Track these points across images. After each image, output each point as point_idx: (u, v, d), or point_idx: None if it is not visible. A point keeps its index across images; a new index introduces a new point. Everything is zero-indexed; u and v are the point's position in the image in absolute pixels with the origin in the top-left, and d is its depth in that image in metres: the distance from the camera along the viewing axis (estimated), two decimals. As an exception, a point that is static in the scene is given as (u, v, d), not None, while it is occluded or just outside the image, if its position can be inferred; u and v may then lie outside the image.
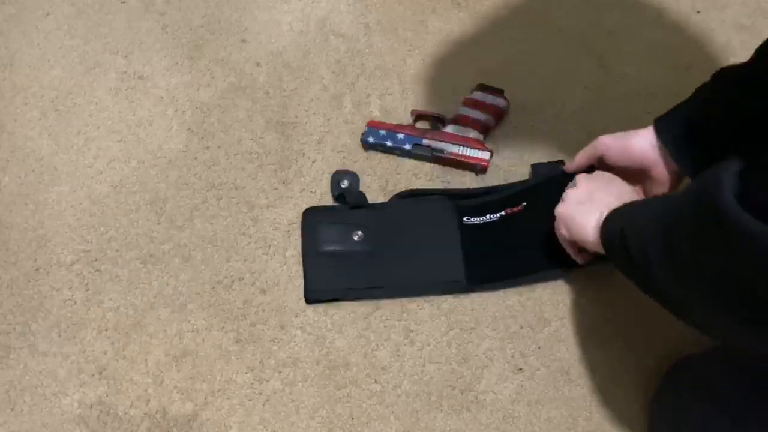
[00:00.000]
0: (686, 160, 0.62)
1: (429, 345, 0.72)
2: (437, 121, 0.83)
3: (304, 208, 0.79)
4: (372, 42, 0.90)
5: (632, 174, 0.68)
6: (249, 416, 0.69)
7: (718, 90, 0.61)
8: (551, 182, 0.75)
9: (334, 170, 0.80)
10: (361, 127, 0.83)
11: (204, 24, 0.92)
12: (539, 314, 0.73)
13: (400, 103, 0.86)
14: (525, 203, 0.76)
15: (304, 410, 0.69)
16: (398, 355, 0.71)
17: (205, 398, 0.70)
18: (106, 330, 0.73)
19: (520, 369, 0.71)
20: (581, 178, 0.68)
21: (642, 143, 0.65)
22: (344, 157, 0.83)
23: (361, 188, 0.80)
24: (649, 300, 0.74)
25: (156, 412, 0.69)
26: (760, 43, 0.61)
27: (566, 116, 0.85)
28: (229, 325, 0.73)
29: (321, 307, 0.74)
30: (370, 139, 0.81)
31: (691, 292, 0.43)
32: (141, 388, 0.70)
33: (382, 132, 0.81)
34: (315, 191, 0.80)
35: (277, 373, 0.71)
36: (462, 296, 0.74)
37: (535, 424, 0.68)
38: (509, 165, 0.82)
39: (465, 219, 0.77)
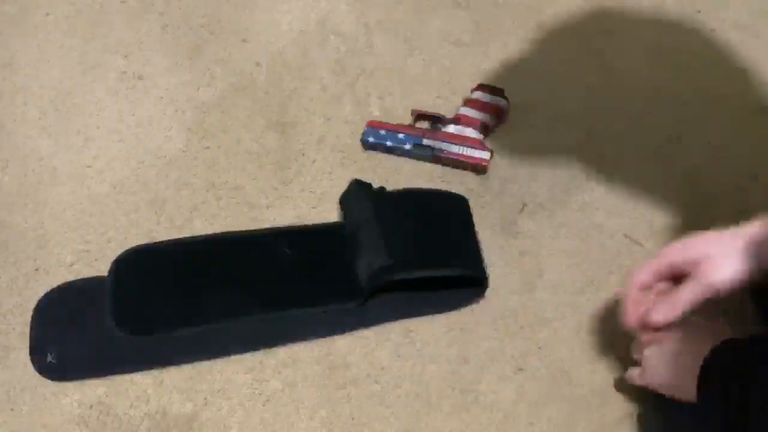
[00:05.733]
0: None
1: (429, 345, 0.72)
2: (437, 121, 0.83)
3: (304, 208, 0.79)
4: (372, 42, 0.90)
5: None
6: (249, 416, 0.69)
7: None
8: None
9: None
10: (361, 127, 0.83)
11: (204, 24, 0.92)
12: (539, 314, 0.73)
13: (400, 103, 0.86)
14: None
15: (304, 410, 0.69)
16: (398, 355, 0.71)
17: (205, 398, 0.70)
18: (106, 330, 0.73)
19: (520, 369, 0.71)
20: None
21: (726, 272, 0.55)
22: (344, 157, 0.83)
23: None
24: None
25: (156, 412, 0.69)
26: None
27: (566, 116, 0.85)
28: (229, 325, 0.73)
29: (321, 307, 0.74)
30: (370, 139, 0.81)
31: None
32: (141, 388, 0.70)
33: (382, 132, 0.81)
34: (315, 191, 0.80)
35: (277, 373, 0.71)
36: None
37: (535, 424, 0.68)
38: (509, 165, 0.82)
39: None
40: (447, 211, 0.77)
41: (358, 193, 0.75)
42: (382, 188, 0.77)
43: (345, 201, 0.76)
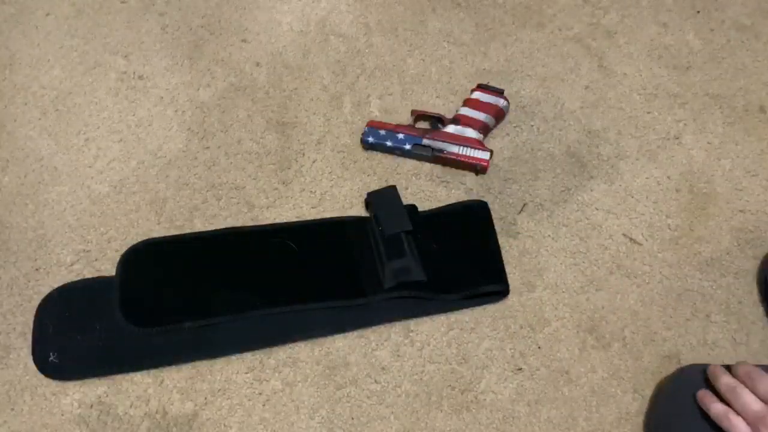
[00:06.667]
0: None
1: (429, 345, 0.72)
2: (437, 121, 0.83)
3: (304, 208, 0.79)
4: (372, 42, 0.90)
5: None
6: (249, 416, 0.69)
7: None
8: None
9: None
10: (361, 127, 0.83)
11: (204, 24, 0.92)
12: (539, 314, 0.73)
13: (400, 103, 0.86)
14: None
15: (304, 410, 0.69)
16: (398, 355, 0.71)
17: (205, 398, 0.70)
18: (106, 330, 0.73)
19: (520, 369, 0.71)
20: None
21: None
22: (344, 157, 0.83)
23: (362, 188, 0.80)
24: (650, 300, 0.74)
25: (156, 412, 0.69)
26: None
27: (566, 116, 0.85)
28: (229, 325, 0.73)
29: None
30: (370, 139, 0.81)
31: None
32: (141, 388, 0.70)
33: (382, 132, 0.81)
34: (315, 191, 0.80)
35: (277, 373, 0.71)
36: (462, 296, 0.74)
37: (535, 424, 0.68)
38: (509, 165, 0.82)
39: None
40: (471, 224, 0.77)
41: (396, 200, 0.76)
42: (414, 206, 0.78)
43: (378, 201, 0.76)
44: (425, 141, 0.80)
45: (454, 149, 0.79)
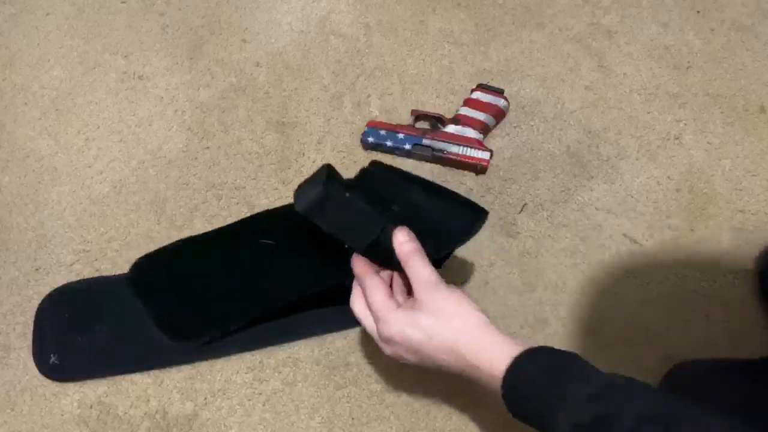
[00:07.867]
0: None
1: (429, 345, 0.72)
2: (437, 121, 0.83)
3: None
4: (372, 42, 0.90)
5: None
6: (249, 416, 0.69)
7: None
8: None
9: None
10: (361, 127, 0.83)
11: (204, 24, 0.92)
12: (539, 314, 0.73)
13: (400, 103, 0.86)
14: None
15: (304, 410, 0.69)
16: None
17: (205, 398, 0.70)
18: (106, 330, 0.73)
19: (520, 369, 0.71)
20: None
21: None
22: (344, 157, 0.83)
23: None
24: (650, 300, 0.74)
25: (156, 412, 0.69)
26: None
27: (566, 116, 0.85)
28: (229, 325, 0.73)
29: (321, 307, 0.74)
30: (370, 139, 0.81)
31: None
32: (141, 388, 0.70)
33: (382, 132, 0.81)
34: (315, 191, 0.80)
35: (277, 373, 0.71)
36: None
37: (535, 424, 0.68)
38: (509, 165, 0.82)
39: None
40: (416, 186, 0.68)
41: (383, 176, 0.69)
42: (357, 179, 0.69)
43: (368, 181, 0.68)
44: (425, 141, 0.80)
45: (454, 149, 0.79)
